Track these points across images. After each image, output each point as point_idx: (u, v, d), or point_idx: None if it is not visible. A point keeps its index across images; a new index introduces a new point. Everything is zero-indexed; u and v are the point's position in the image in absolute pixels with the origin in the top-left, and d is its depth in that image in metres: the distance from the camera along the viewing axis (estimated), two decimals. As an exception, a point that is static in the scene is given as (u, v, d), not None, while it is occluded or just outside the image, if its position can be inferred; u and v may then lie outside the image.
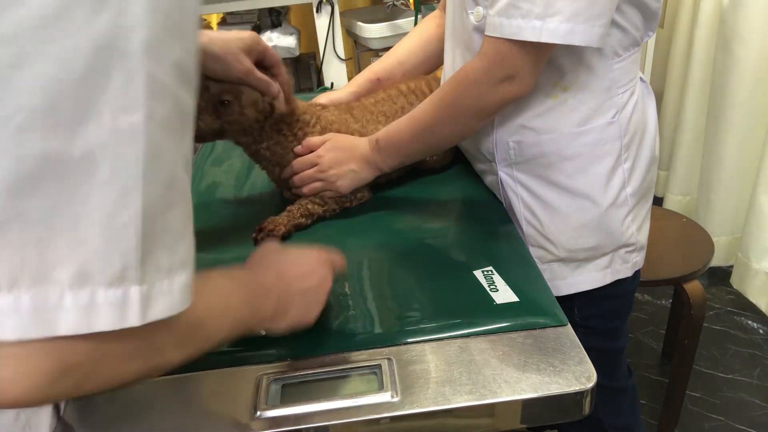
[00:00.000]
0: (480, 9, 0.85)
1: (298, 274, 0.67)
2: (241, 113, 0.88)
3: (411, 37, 1.17)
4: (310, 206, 0.96)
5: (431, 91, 1.12)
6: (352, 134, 1.02)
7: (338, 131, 1.01)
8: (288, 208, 0.96)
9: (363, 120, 1.04)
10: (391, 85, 1.12)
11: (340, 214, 0.99)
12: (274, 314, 0.62)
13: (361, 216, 0.99)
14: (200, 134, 0.89)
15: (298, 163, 0.97)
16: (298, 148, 0.97)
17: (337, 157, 0.96)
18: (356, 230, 0.95)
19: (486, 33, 0.81)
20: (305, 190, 0.97)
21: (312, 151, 0.97)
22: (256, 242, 0.91)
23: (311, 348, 0.71)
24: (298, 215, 0.94)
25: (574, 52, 0.84)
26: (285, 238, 0.92)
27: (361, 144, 0.97)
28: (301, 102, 0.99)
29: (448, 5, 0.97)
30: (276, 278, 0.65)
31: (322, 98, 1.12)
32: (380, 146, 0.95)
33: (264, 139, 0.95)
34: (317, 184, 0.96)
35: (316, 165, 0.96)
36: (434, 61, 1.16)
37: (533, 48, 0.79)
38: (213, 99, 0.86)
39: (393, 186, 1.07)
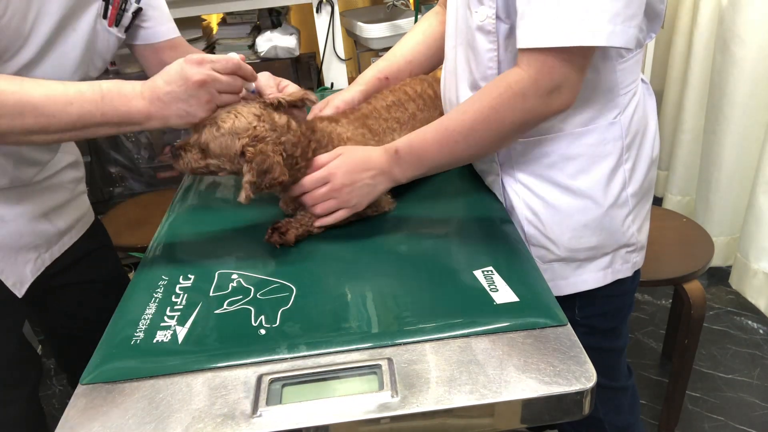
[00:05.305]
0: (485, 9, 0.85)
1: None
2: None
3: (415, 34, 1.15)
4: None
5: (436, 94, 1.11)
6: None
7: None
8: (302, 213, 0.94)
9: (380, 132, 1.02)
10: (397, 87, 1.11)
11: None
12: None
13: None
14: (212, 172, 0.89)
15: (309, 180, 0.91)
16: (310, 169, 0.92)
17: (351, 171, 0.90)
18: (356, 230, 0.95)
19: (524, 45, 0.78)
20: (318, 209, 0.91)
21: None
22: (271, 243, 0.91)
23: (311, 348, 0.71)
24: (310, 223, 0.93)
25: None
26: (297, 241, 0.92)
27: (375, 154, 0.91)
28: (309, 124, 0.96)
29: (450, 3, 0.97)
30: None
31: (336, 99, 1.09)
32: (400, 156, 0.90)
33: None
34: (330, 203, 0.91)
35: (328, 182, 0.90)
36: (440, 58, 1.14)
37: (578, 54, 0.77)
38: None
39: (393, 187, 1.06)
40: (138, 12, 1.02)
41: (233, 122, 0.85)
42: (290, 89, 0.99)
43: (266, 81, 0.99)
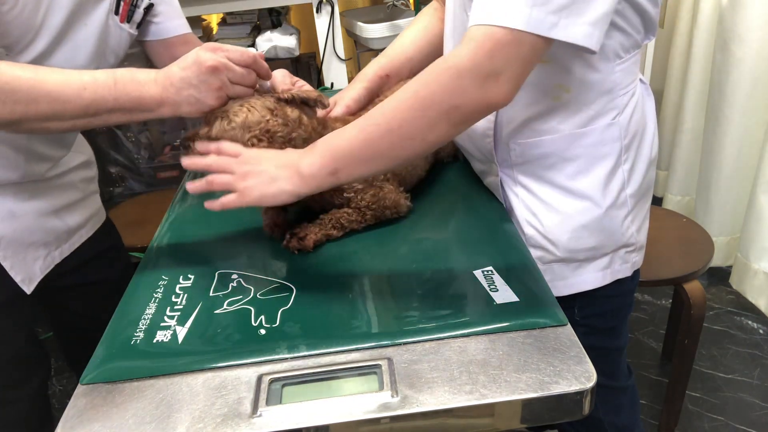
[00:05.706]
0: None
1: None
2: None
3: (414, 31, 1.13)
4: (343, 220, 0.93)
5: None
6: None
7: None
8: (321, 216, 0.93)
9: None
10: (403, 88, 1.09)
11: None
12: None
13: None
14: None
15: (229, 146, 0.83)
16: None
17: (261, 155, 0.81)
18: (356, 230, 0.95)
19: (474, 21, 0.73)
20: (209, 177, 0.82)
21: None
22: (288, 249, 0.90)
23: (311, 348, 0.71)
24: (330, 226, 0.92)
25: (577, 52, 0.84)
26: (315, 246, 0.91)
27: (295, 151, 0.83)
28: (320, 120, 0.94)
29: (449, 4, 0.97)
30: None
31: (345, 99, 1.07)
32: (315, 147, 0.79)
33: None
34: (224, 178, 0.80)
35: (236, 156, 0.82)
36: (439, 55, 1.12)
37: (527, 43, 0.71)
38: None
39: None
40: (150, 8, 1.02)
41: (246, 116, 0.84)
42: (305, 89, 0.99)
43: (282, 78, 0.99)
